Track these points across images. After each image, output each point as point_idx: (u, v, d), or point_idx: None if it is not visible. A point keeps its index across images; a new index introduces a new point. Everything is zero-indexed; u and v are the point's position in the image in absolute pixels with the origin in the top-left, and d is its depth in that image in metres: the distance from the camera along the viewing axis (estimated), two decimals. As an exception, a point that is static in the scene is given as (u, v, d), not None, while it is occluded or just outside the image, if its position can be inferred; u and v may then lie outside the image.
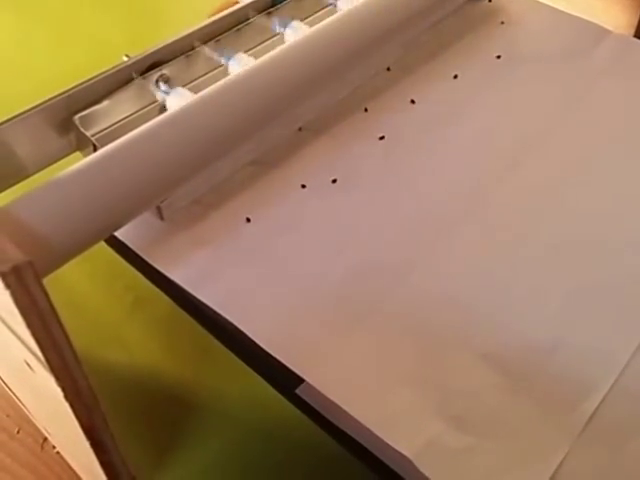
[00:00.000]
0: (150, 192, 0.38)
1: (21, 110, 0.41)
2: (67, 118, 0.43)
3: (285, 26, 0.51)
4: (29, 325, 0.24)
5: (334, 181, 0.48)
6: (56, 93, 0.42)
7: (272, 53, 0.46)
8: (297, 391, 0.38)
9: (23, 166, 0.42)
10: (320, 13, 0.55)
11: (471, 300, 0.41)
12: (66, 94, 0.42)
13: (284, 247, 0.44)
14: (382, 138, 0.50)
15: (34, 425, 0.40)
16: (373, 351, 0.39)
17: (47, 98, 0.42)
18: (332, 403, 0.36)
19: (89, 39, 0.64)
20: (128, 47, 0.48)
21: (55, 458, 0.39)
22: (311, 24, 0.51)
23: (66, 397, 0.26)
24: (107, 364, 0.42)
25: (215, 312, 0.41)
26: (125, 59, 0.46)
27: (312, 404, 0.38)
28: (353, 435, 0.37)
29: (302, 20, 0.52)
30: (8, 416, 0.40)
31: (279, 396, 0.39)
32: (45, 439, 0.39)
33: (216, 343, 0.41)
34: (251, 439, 0.39)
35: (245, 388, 0.40)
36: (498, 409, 0.36)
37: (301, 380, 0.38)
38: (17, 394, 0.39)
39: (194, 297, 0.41)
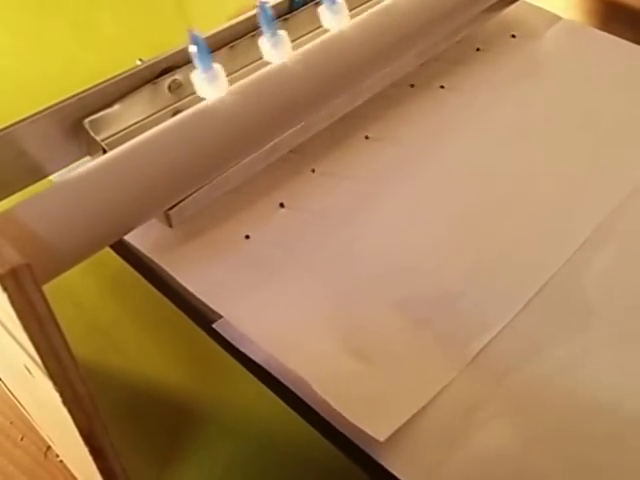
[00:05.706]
0: (157, 198, 0.38)
1: (32, 112, 0.40)
2: (78, 121, 0.42)
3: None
4: (26, 328, 0.23)
5: None
6: (68, 96, 0.42)
7: (288, 59, 0.45)
8: (214, 326, 0.41)
9: (32, 170, 0.41)
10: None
11: (395, 255, 0.44)
12: (77, 97, 0.42)
13: None
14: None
15: (38, 433, 0.39)
16: (293, 297, 0.42)
17: (58, 100, 0.41)
18: (246, 338, 0.39)
19: (104, 42, 0.64)
20: (143, 51, 0.48)
21: (58, 467, 0.38)
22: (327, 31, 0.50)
23: (64, 402, 0.25)
24: (108, 371, 0.41)
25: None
26: (138, 63, 0.46)
27: (228, 339, 0.40)
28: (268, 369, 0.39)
29: (319, 27, 0.51)
30: (12, 423, 0.40)
31: (285, 407, 0.38)
32: (49, 447, 0.39)
33: (221, 351, 0.41)
34: (254, 450, 0.38)
35: (249, 398, 0.40)
36: (397, 344, 0.40)
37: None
38: (21, 401, 0.38)
39: (197, 301, 0.42)
